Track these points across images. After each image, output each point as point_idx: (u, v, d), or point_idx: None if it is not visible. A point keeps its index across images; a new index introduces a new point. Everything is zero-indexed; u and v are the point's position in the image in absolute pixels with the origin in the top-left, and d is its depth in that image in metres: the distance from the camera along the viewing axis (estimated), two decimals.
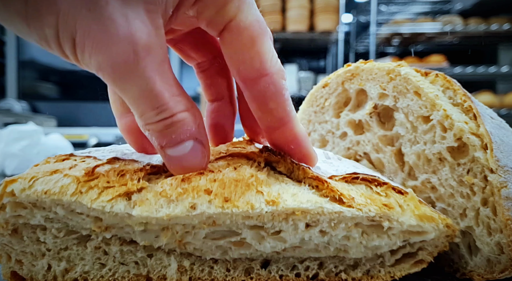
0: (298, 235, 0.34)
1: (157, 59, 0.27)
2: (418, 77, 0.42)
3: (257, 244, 0.35)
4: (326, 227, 0.34)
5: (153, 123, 0.29)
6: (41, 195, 0.31)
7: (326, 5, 3.20)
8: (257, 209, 0.31)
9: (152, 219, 0.31)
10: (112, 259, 0.36)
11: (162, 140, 0.30)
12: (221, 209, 0.30)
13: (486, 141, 0.36)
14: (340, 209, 0.32)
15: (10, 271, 0.35)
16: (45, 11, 0.25)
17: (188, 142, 0.30)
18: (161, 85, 0.28)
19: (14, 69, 3.84)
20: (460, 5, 3.42)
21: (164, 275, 0.36)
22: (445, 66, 3.21)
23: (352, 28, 3.81)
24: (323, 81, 0.53)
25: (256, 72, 0.31)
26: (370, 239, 0.35)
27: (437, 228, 0.35)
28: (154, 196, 0.31)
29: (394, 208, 0.34)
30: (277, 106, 0.32)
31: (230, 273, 0.37)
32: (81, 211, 0.32)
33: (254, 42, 0.30)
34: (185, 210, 0.30)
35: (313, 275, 0.38)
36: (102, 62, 0.26)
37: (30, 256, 0.35)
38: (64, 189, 0.31)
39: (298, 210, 0.32)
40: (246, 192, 0.31)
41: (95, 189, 0.31)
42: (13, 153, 1.11)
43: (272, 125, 0.33)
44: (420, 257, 0.37)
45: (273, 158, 0.35)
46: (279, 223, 0.33)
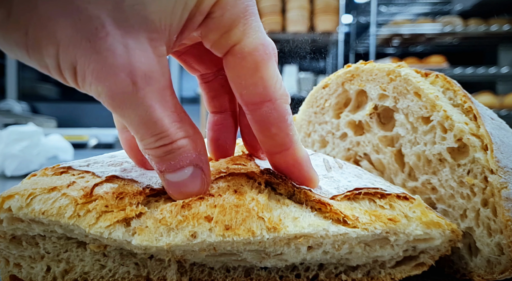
0: (299, 257, 0.34)
1: (158, 87, 0.27)
2: (418, 78, 0.42)
3: (258, 263, 0.35)
4: (329, 248, 0.34)
5: (153, 149, 0.29)
6: (38, 215, 0.30)
7: (326, 6, 3.20)
8: (258, 236, 0.30)
9: (152, 248, 0.30)
10: (111, 260, 0.36)
11: (161, 166, 0.30)
12: (221, 237, 0.30)
13: (486, 142, 0.36)
14: (346, 231, 0.32)
15: (9, 275, 0.35)
16: (45, 42, 0.25)
17: (187, 168, 0.30)
18: (161, 112, 0.28)
19: (14, 69, 3.84)
20: (460, 6, 3.42)
21: (164, 276, 0.36)
22: (445, 67, 3.21)
23: (352, 29, 3.81)
24: (323, 82, 0.53)
25: (259, 97, 0.31)
26: (372, 250, 0.35)
27: (443, 234, 0.35)
28: (153, 224, 0.31)
29: (400, 220, 0.34)
30: (280, 131, 0.32)
31: (230, 274, 0.37)
32: (80, 233, 0.32)
33: (258, 68, 0.30)
34: (185, 238, 0.30)
35: (313, 276, 0.38)
36: (102, 92, 0.26)
37: (28, 259, 0.35)
38: (62, 210, 0.30)
39: (300, 235, 0.32)
40: (247, 219, 0.31)
41: (93, 212, 0.31)
42: (13, 154, 1.11)
43: (274, 149, 0.33)
44: (421, 260, 0.37)
45: (274, 180, 0.35)
46: (280, 247, 0.33)
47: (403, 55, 3.64)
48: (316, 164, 0.41)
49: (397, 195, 0.36)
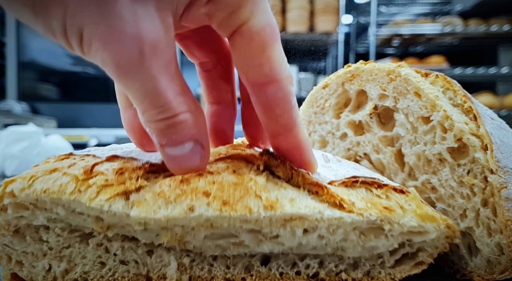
0: (295, 240, 0.34)
1: (164, 59, 0.27)
2: (418, 78, 0.42)
3: (255, 246, 0.35)
4: (324, 232, 0.34)
5: (155, 122, 0.29)
6: (40, 194, 0.31)
7: (326, 6, 3.20)
8: (255, 213, 0.31)
9: (150, 220, 0.31)
10: (112, 258, 0.36)
11: (162, 139, 0.30)
12: (219, 212, 0.30)
13: (486, 142, 0.36)
14: (340, 215, 0.32)
15: (10, 273, 0.35)
16: (53, 3, 0.24)
17: (188, 143, 0.30)
18: (165, 84, 0.28)
19: (14, 70, 3.84)
20: (460, 6, 3.42)
21: (164, 274, 0.36)
22: (445, 67, 3.22)
23: (352, 29, 3.82)
24: (323, 82, 0.53)
25: (265, 78, 0.31)
26: (367, 240, 0.35)
27: (438, 228, 0.35)
28: (152, 197, 0.31)
29: (395, 210, 0.34)
30: (284, 112, 0.32)
31: (229, 270, 0.37)
32: (81, 211, 0.32)
33: (265, 48, 0.30)
34: (183, 212, 0.30)
35: (314, 274, 0.38)
36: (107, 58, 0.26)
37: (31, 256, 0.35)
38: (63, 188, 0.31)
39: (295, 216, 0.32)
40: (244, 196, 0.31)
41: (93, 187, 0.31)
42: (13, 154, 1.11)
43: (276, 131, 0.33)
44: (420, 259, 0.37)
45: (273, 162, 0.35)
46: (276, 229, 0.33)
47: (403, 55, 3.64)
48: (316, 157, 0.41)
49: (394, 188, 0.36)
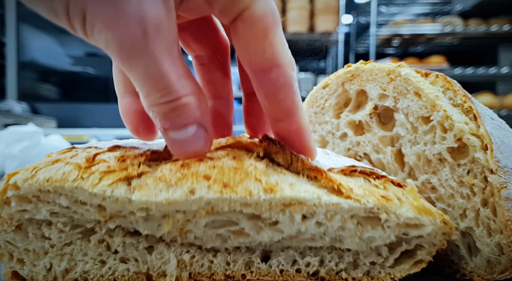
0: (294, 227, 0.34)
1: (167, 41, 0.27)
2: (418, 77, 0.42)
3: (255, 234, 0.35)
4: (322, 218, 0.34)
5: (158, 105, 0.29)
6: (43, 183, 0.31)
7: (326, 6, 3.20)
8: (255, 196, 0.31)
9: (152, 204, 0.31)
10: (112, 256, 0.36)
11: (166, 123, 0.30)
12: (219, 194, 0.30)
13: (486, 142, 0.36)
14: (338, 201, 0.33)
15: (11, 271, 0.36)
16: None
17: (191, 127, 0.30)
18: (168, 66, 0.27)
19: (14, 70, 3.84)
20: (460, 6, 3.42)
21: (164, 271, 0.36)
22: (445, 67, 3.22)
23: (352, 29, 3.82)
24: (323, 82, 0.53)
25: (267, 63, 0.31)
26: (364, 230, 0.35)
27: (434, 222, 0.35)
28: (153, 181, 0.31)
29: (392, 200, 0.34)
30: (286, 97, 0.32)
31: (230, 267, 0.37)
32: (84, 199, 0.32)
33: (267, 33, 0.30)
34: (184, 194, 0.30)
35: (314, 272, 0.38)
36: (111, 40, 0.26)
37: (32, 254, 0.35)
38: (66, 175, 0.31)
39: (295, 200, 0.32)
40: (244, 179, 0.31)
41: (96, 174, 0.31)
42: (13, 154, 1.11)
43: (279, 115, 0.33)
44: (419, 257, 0.37)
45: (273, 148, 0.35)
46: (276, 214, 0.33)
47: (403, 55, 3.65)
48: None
49: (392, 180, 0.37)
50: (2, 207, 0.32)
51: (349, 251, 0.37)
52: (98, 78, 4.05)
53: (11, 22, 3.80)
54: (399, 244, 0.37)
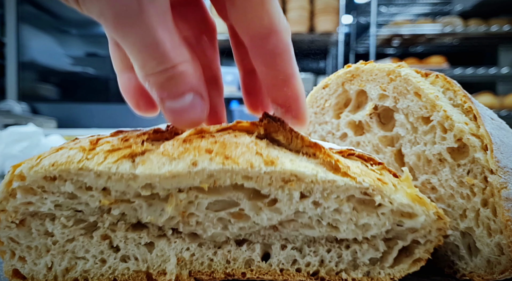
0: (292, 206, 0.35)
1: (161, 9, 0.27)
2: (418, 78, 0.42)
3: (255, 215, 0.35)
4: (319, 197, 0.34)
5: (154, 74, 0.29)
6: (49, 169, 0.31)
7: (326, 6, 3.20)
8: (256, 167, 0.31)
9: (155, 177, 0.31)
10: (113, 256, 0.36)
11: (163, 92, 0.30)
12: (221, 165, 0.31)
13: (486, 142, 0.36)
14: (334, 178, 0.33)
15: (12, 269, 0.36)
16: None
17: (188, 95, 0.30)
18: (163, 35, 0.28)
19: (14, 70, 3.84)
20: (460, 6, 3.42)
21: (164, 270, 0.36)
22: (445, 67, 3.22)
23: (352, 29, 3.82)
24: (323, 82, 0.53)
25: (265, 30, 0.32)
26: (360, 216, 0.35)
27: (427, 212, 0.35)
28: (156, 156, 0.32)
29: (388, 184, 0.34)
30: (284, 62, 0.33)
31: (230, 265, 0.37)
32: (89, 182, 0.32)
33: (264, 1, 0.31)
34: (186, 166, 0.31)
35: (314, 272, 0.38)
36: (105, 9, 0.26)
37: (34, 252, 0.36)
38: (71, 158, 0.31)
39: (294, 173, 0.32)
40: (246, 153, 0.32)
41: (100, 154, 0.32)
42: (13, 155, 1.11)
43: (277, 82, 0.34)
44: (417, 256, 0.38)
45: (273, 125, 0.35)
46: (275, 190, 0.33)
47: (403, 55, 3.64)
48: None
49: (389, 170, 0.37)
50: (7, 199, 0.33)
51: (347, 250, 0.38)
52: (98, 78, 4.05)
53: (11, 22, 3.80)
54: (395, 242, 0.37)
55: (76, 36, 4.18)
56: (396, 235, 0.37)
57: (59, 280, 0.36)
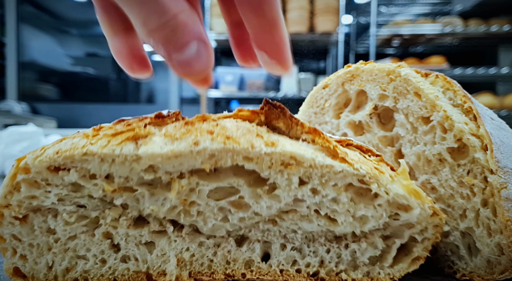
0: (291, 192, 0.35)
1: None
2: (418, 78, 0.42)
3: (254, 203, 0.35)
4: (317, 184, 0.35)
5: (157, 29, 0.29)
6: (53, 156, 0.32)
7: (326, 6, 3.20)
8: (257, 148, 0.32)
9: (158, 157, 0.32)
10: (113, 256, 0.36)
11: (168, 46, 0.30)
12: (223, 144, 0.31)
13: (486, 142, 0.36)
14: (332, 163, 0.33)
15: (13, 267, 0.36)
16: None
17: (192, 43, 0.31)
18: None
19: (14, 70, 3.84)
20: (460, 7, 3.42)
21: (164, 270, 0.36)
22: (445, 67, 3.22)
23: (352, 29, 3.82)
24: (323, 82, 0.53)
25: None
26: (357, 208, 0.36)
27: (422, 206, 0.35)
28: (159, 138, 0.32)
29: (385, 173, 0.35)
30: (270, 7, 0.33)
31: (230, 265, 0.37)
32: (93, 169, 0.33)
33: None
34: (188, 146, 0.31)
35: (314, 273, 0.38)
36: None
37: (36, 250, 0.36)
38: (75, 145, 0.32)
39: (294, 156, 0.33)
40: (247, 134, 0.33)
41: (103, 139, 0.32)
42: (13, 155, 1.11)
43: (264, 27, 0.35)
44: (416, 254, 0.38)
45: (273, 112, 0.36)
46: (275, 174, 0.34)
47: (403, 55, 3.64)
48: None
49: (386, 162, 0.37)
50: (11, 193, 0.33)
51: (347, 250, 0.38)
52: (98, 78, 4.05)
53: (11, 23, 3.80)
54: (392, 241, 0.37)
55: (76, 36, 4.18)
56: (393, 232, 0.37)
57: (59, 279, 0.36)
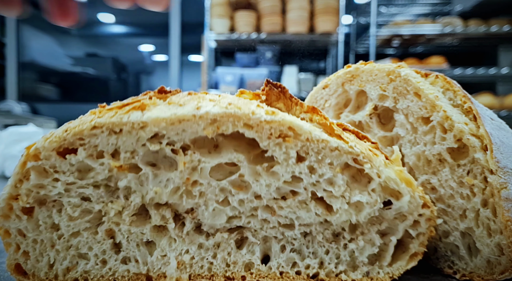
0: (289, 168, 0.35)
1: None
2: (418, 78, 0.42)
3: (254, 181, 0.36)
4: (314, 161, 0.35)
5: None
6: (62, 135, 0.33)
7: (326, 6, 3.20)
8: (257, 114, 0.33)
9: (162, 121, 0.32)
10: (114, 257, 0.36)
11: None
12: (225, 109, 0.32)
13: (486, 142, 0.36)
14: (328, 138, 0.34)
15: (15, 264, 0.36)
16: None
17: None
18: None
19: (14, 70, 3.84)
20: (460, 7, 3.42)
21: (164, 273, 0.37)
22: (445, 68, 3.21)
23: (352, 30, 3.82)
24: (323, 82, 0.53)
25: None
26: (352, 194, 0.36)
27: (412, 193, 0.35)
28: (163, 106, 0.34)
29: (378, 156, 0.35)
30: None
31: (230, 268, 0.37)
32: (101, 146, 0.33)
33: None
34: (191, 109, 0.32)
35: (314, 275, 0.38)
36: None
37: (39, 246, 0.36)
38: (83, 120, 0.33)
39: (293, 126, 0.34)
40: (248, 104, 0.34)
41: (112, 111, 0.34)
42: (13, 155, 1.11)
43: None
44: (413, 250, 0.38)
45: (274, 92, 0.37)
46: (274, 146, 0.34)
47: (403, 55, 3.64)
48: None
49: (381, 151, 0.38)
50: (21, 182, 0.34)
51: (345, 250, 0.38)
52: (98, 79, 4.05)
53: (11, 23, 3.80)
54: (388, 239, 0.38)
55: (76, 36, 4.19)
56: (388, 227, 0.37)
57: (60, 279, 0.36)
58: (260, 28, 3.15)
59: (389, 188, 0.35)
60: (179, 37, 3.80)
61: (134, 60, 4.17)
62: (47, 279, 0.36)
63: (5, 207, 0.34)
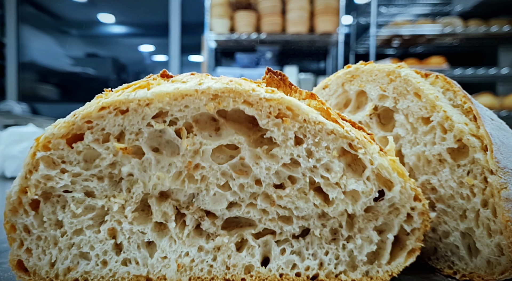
0: (288, 150, 0.36)
1: None
2: (418, 78, 0.42)
3: (254, 164, 0.36)
4: (311, 144, 0.36)
5: None
6: (71, 119, 0.34)
7: (326, 7, 3.20)
8: (257, 91, 0.34)
9: (165, 96, 0.33)
10: (115, 259, 0.36)
11: None
12: (226, 85, 0.34)
13: (486, 142, 0.36)
14: (324, 121, 0.35)
15: (17, 260, 0.36)
16: None
17: None
18: None
19: (14, 71, 3.84)
20: (460, 7, 3.42)
21: (164, 275, 0.37)
22: (445, 68, 3.21)
23: (352, 30, 3.82)
24: (323, 82, 0.53)
25: None
26: (349, 182, 0.36)
27: (403, 183, 0.36)
28: (167, 83, 0.35)
29: (373, 143, 0.36)
30: None
31: (229, 271, 0.37)
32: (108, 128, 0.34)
33: None
34: (194, 85, 0.34)
35: (313, 276, 0.38)
36: None
37: (43, 243, 0.36)
38: (92, 103, 0.34)
39: (291, 105, 0.35)
40: (248, 83, 0.35)
41: (118, 91, 0.35)
42: (13, 155, 1.11)
43: None
44: (410, 247, 0.38)
45: (274, 80, 0.38)
46: (273, 126, 0.35)
47: (403, 56, 3.64)
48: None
49: (376, 143, 0.38)
50: (31, 173, 0.34)
51: (344, 250, 0.38)
52: (98, 79, 4.05)
53: (11, 23, 3.80)
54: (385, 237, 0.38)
55: (76, 36, 4.18)
56: (384, 223, 0.38)
57: (60, 278, 0.36)
58: (260, 28, 3.15)
59: (382, 177, 0.36)
60: (179, 37, 3.81)
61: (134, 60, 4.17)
62: (47, 277, 0.36)
63: (15, 201, 0.35)
